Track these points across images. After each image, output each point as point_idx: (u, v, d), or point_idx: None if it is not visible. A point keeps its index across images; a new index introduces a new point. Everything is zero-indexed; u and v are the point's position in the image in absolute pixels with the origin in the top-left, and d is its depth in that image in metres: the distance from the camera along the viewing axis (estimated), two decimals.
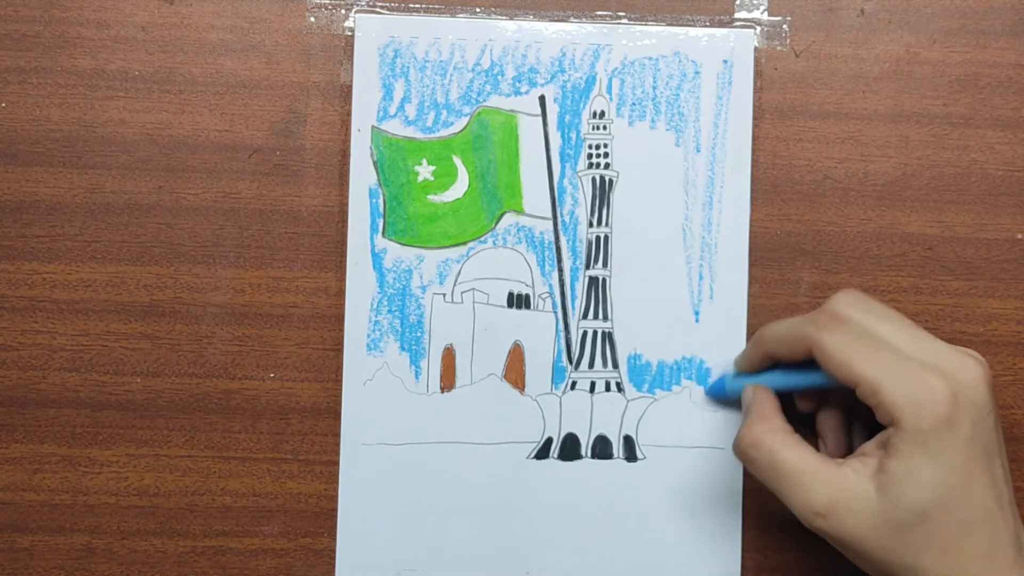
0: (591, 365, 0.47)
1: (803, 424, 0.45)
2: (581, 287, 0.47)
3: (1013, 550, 0.39)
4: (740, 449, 0.43)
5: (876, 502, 0.39)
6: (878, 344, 0.40)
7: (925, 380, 0.39)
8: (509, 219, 0.47)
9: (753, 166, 0.47)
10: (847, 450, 0.45)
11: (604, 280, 0.47)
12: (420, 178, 0.47)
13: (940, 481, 0.38)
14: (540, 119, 0.47)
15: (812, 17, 0.48)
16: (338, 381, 0.47)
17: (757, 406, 0.43)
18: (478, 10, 0.47)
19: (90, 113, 0.47)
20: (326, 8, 0.47)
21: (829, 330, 0.41)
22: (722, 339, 0.47)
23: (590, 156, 0.47)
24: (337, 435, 0.47)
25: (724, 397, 0.47)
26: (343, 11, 0.47)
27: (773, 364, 0.44)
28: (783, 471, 0.41)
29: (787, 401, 0.44)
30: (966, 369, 0.39)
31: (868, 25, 0.48)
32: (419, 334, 0.47)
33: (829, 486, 0.40)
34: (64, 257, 0.47)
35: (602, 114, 0.47)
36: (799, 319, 0.42)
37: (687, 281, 0.47)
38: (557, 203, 0.47)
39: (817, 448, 0.44)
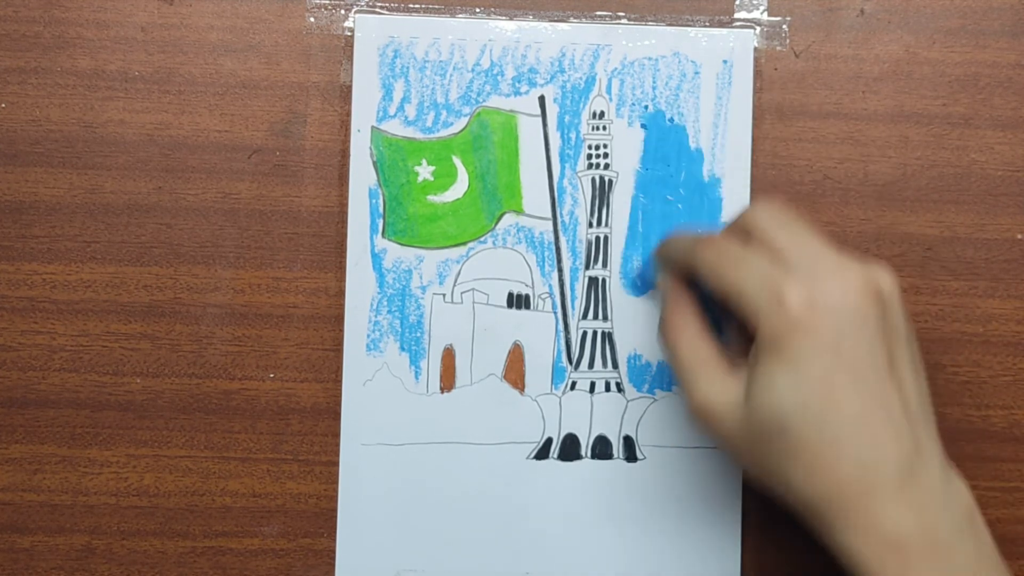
0: (591, 365, 0.47)
1: None
2: (581, 287, 0.47)
3: (898, 475, 0.37)
4: (658, 337, 0.42)
5: (742, 409, 0.39)
6: (750, 256, 0.39)
7: (782, 286, 0.37)
8: (509, 219, 0.47)
9: (753, 166, 0.47)
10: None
11: (604, 280, 0.47)
12: (420, 178, 0.47)
13: (797, 390, 0.37)
14: (540, 119, 0.47)
15: (812, 17, 0.48)
16: (338, 381, 0.47)
17: (670, 295, 0.43)
18: (478, 10, 0.47)
19: (90, 113, 0.47)
20: (326, 8, 0.47)
21: (708, 247, 0.40)
22: None
23: (590, 156, 0.47)
24: (337, 435, 0.47)
25: (647, 282, 0.46)
26: (343, 11, 0.47)
27: None
28: (677, 365, 0.41)
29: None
30: (841, 277, 0.38)
31: (868, 25, 0.48)
32: (419, 334, 0.47)
33: (711, 387, 0.40)
34: (64, 257, 0.47)
35: (602, 114, 0.47)
36: (693, 238, 0.42)
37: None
38: (557, 203, 0.47)
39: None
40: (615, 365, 0.47)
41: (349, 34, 0.47)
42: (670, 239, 0.44)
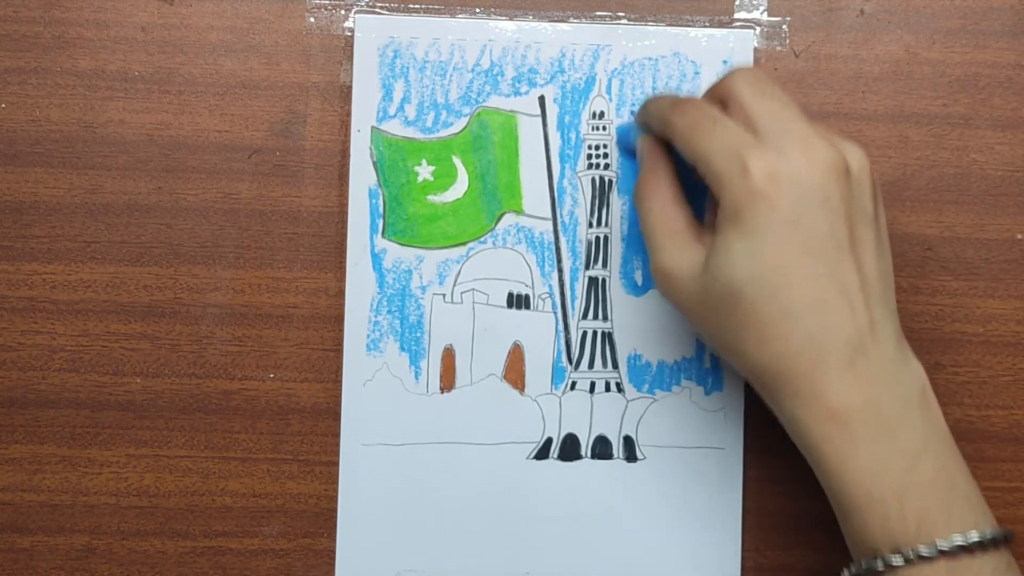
0: (591, 365, 0.47)
1: None
2: (581, 287, 0.47)
3: (848, 349, 0.37)
4: (633, 200, 0.43)
5: (700, 273, 0.39)
6: (722, 124, 0.39)
7: (747, 156, 0.37)
8: (509, 219, 0.47)
9: None
10: None
11: (604, 280, 0.47)
12: (420, 178, 0.47)
13: (752, 259, 0.37)
14: (540, 119, 0.47)
15: (812, 17, 0.48)
16: (338, 381, 0.47)
17: (648, 159, 0.43)
18: (478, 10, 0.47)
19: (90, 114, 0.47)
20: (326, 8, 0.47)
21: (682, 112, 0.40)
22: None
23: (590, 157, 0.47)
24: (337, 435, 0.47)
25: (628, 145, 0.46)
26: (343, 11, 0.47)
27: None
28: (648, 228, 0.41)
29: None
30: (808, 151, 0.37)
31: (868, 25, 0.48)
32: (419, 334, 0.47)
33: (677, 251, 0.40)
34: (64, 257, 0.47)
35: (602, 114, 0.47)
36: (670, 102, 0.42)
37: None
38: (557, 203, 0.47)
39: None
40: (615, 365, 0.47)
41: (349, 34, 0.47)
42: (650, 101, 0.44)
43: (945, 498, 0.37)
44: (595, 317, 0.47)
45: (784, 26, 0.48)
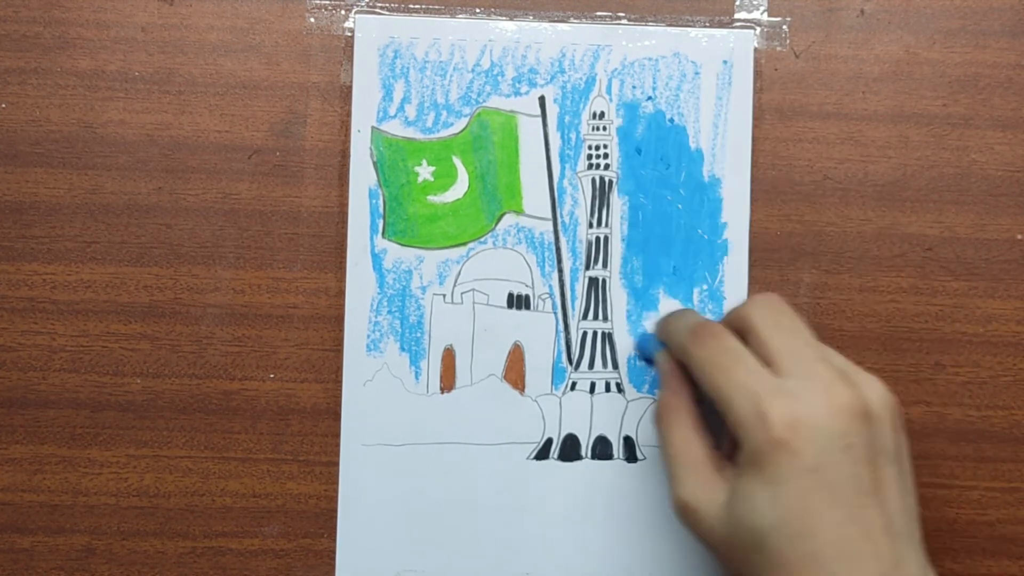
0: (591, 366, 0.47)
1: None
2: (581, 288, 0.47)
3: None
4: (652, 421, 0.43)
5: (725, 516, 0.39)
6: (742, 362, 0.39)
7: (767, 402, 0.37)
8: (509, 220, 0.47)
9: (753, 166, 0.47)
10: None
11: (604, 281, 0.47)
12: (420, 179, 0.47)
13: (775, 506, 0.37)
14: (540, 120, 0.47)
15: (812, 18, 0.48)
16: (338, 382, 0.47)
17: (669, 380, 0.43)
18: (478, 11, 0.47)
19: (90, 114, 0.47)
20: (326, 9, 0.47)
21: (702, 344, 0.40)
22: None
23: (590, 157, 0.47)
24: (337, 436, 0.47)
25: (647, 355, 0.46)
26: (343, 12, 0.47)
27: None
28: (667, 453, 0.41)
29: None
30: (828, 397, 0.37)
31: (868, 26, 0.48)
32: (419, 335, 0.47)
33: (697, 484, 0.40)
34: (64, 258, 0.47)
35: (602, 115, 0.47)
36: (688, 328, 0.42)
37: (687, 282, 0.47)
38: (557, 204, 0.47)
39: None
40: (615, 366, 0.47)
41: (349, 34, 0.47)
42: (669, 319, 0.44)
43: None
44: (595, 317, 0.47)
45: (784, 26, 0.48)
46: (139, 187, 0.47)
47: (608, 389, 0.47)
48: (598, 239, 0.47)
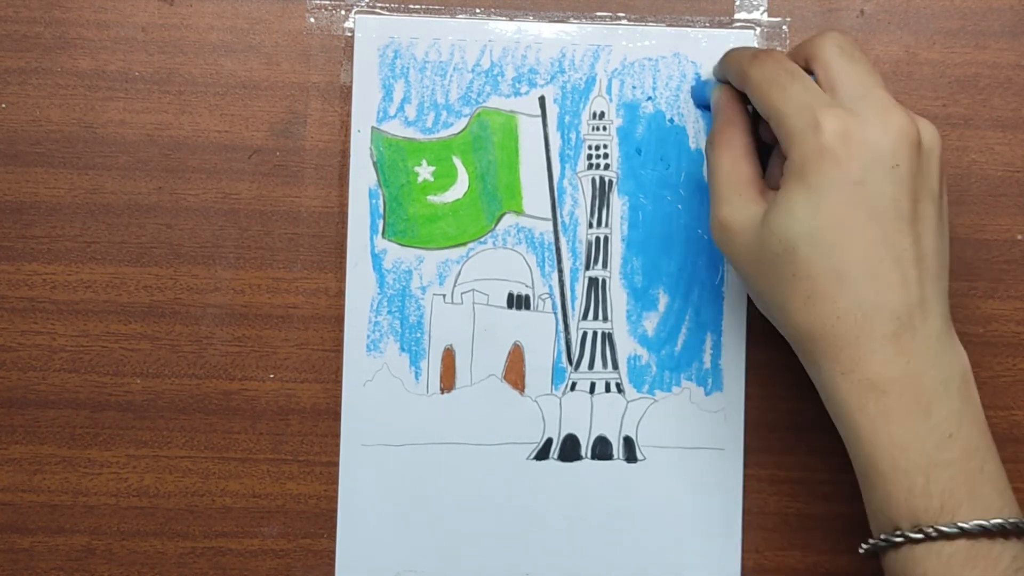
0: (591, 366, 0.47)
1: None
2: (581, 288, 0.47)
3: (896, 323, 0.37)
4: (704, 149, 0.43)
5: (758, 227, 0.39)
6: (800, 80, 0.39)
7: (821, 113, 0.37)
8: (509, 220, 0.47)
9: None
10: None
11: (604, 281, 0.47)
12: (420, 179, 0.47)
13: (812, 215, 0.37)
14: (540, 120, 0.47)
15: (812, 18, 0.48)
16: (338, 382, 0.47)
17: (724, 110, 0.43)
18: (478, 11, 0.47)
19: (90, 114, 0.47)
20: (326, 9, 0.47)
21: (761, 64, 0.40)
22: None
23: (590, 157, 0.47)
24: (337, 436, 0.47)
25: (704, 100, 0.46)
26: (343, 12, 0.47)
27: None
28: (716, 179, 0.41)
29: None
30: (883, 116, 0.37)
31: (868, 26, 0.48)
32: (419, 335, 0.47)
33: (740, 204, 0.40)
34: (64, 258, 0.47)
35: (602, 115, 0.47)
36: (750, 52, 0.41)
37: (687, 282, 0.47)
38: (557, 204, 0.47)
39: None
40: (615, 366, 0.47)
41: (349, 34, 0.47)
42: (729, 53, 0.43)
43: (972, 480, 0.36)
44: (595, 318, 0.47)
45: (784, 26, 0.48)
46: (139, 187, 0.47)
47: (608, 389, 0.47)
48: (598, 239, 0.47)
